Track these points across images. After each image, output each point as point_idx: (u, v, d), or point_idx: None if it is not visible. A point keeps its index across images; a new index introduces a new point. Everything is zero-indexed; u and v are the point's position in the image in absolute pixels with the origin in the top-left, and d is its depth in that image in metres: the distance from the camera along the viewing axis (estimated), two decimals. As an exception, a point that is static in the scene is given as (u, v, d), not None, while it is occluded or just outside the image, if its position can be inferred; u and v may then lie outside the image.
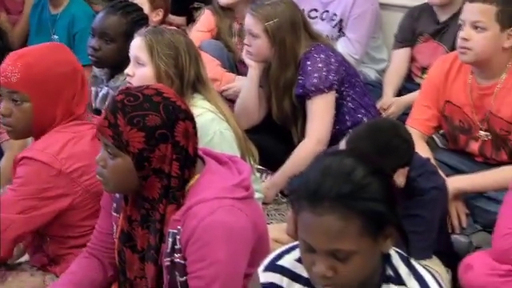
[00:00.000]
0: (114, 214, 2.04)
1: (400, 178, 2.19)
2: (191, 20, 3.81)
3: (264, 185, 2.93)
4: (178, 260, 1.88)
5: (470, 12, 2.66)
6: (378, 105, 3.27)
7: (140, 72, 2.48)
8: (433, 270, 2.16)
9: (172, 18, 3.80)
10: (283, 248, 1.75)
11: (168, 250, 1.89)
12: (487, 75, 2.71)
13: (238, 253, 1.88)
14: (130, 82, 2.47)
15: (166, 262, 1.90)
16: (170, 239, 1.88)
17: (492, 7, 2.62)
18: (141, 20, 2.90)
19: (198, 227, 1.84)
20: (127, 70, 2.53)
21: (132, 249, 1.97)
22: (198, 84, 2.50)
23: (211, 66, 3.32)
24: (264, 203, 2.88)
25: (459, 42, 2.67)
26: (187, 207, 1.87)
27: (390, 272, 1.66)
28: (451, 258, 2.42)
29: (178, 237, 1.87)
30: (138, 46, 2.49)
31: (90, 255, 2.10)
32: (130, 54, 2.54)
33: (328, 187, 1.58)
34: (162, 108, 1.87)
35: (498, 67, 2.69)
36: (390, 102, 3.31)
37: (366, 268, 1.62)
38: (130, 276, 1.99)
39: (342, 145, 2.25)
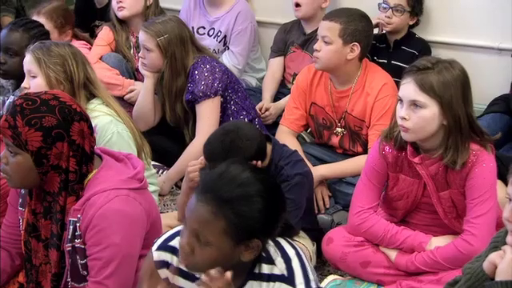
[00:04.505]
0: (20, 209, 2.02)
1: None
2: (93, 36, 3.82)
3: (160, 179, 2.94)
4: (79, 245, 1.89)
5: (321, 28, 2.79)
6: (257, 107, 3.33)
7: (33, 83, 2.46)
8: (299, 244, 2.29)
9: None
10: (174, 230, 1.77)
11: (69, 237, 1.89)
12: (341, 81, 2.83)
13: (132, 237, 1.89)
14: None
15: (68, 247, 1.90)
16: (71, 227, 1.88)
17: (336, 25, 2.74)
18: (42, 35, 2.85)
19: (95, 215, 1.85)
20: (23, 84, 2.51)
21: (37, 238, 1.96)
22: (88, 84, 2.49)
23: (111, 74, 3.36)
24: (161, 195, 2.90)
25: (313, 53, 2.81)
26: (86, 198, 1.87)
27: (262, 253, 1.67)
28: (317, 234, 2.50)
29: (78, 224, 1.87)
30: (28, 61, 2.48)
31: None
32: (24, 69, 2.50)
33: (217, 186, 1.62)
34: (58, 110, 1.87)
35: (348, 75, 2.81)
36: (268, 106, 3.36)
37: (216, 262, 1.62)
38: (35, 263, 1.98)
39: None
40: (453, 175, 2.18)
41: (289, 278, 1.67)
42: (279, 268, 1.68)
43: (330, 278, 2.36)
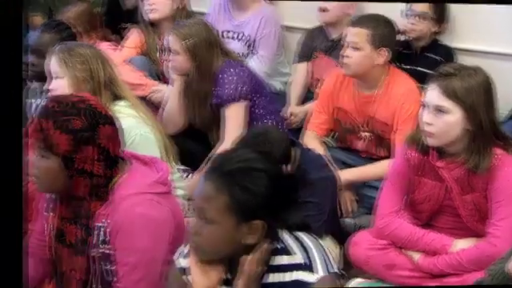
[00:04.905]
0: (45, 214, 2.01)
1: None
2: (121, 38, 3.80)
3: (187, 183, 2.91)
4: (104, 251, 1.88)
5: (349, 34, 2.86)
6: (287, 112, 3.39)
7: (58, 84, 2.48)
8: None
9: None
10: None
11: (95, 242, 1.88)
12: (367, 86, 2.89)
13: (157, 241, 1.88)
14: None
15: (94, 253, 1.89)
16: (97, 232, 1.87)
17: (364, 31, 2.81)
18: (70, 37, 2.86)
19: (120, 220, 1.84)
20: (47, 86, 2.52)
21: (63, 244, 1.95)
22: (112, 84, 2.50)
23: (136, 75, 3.40)
24: (189, 199, 2.84)
25: (342, 59, 2.87)
26: (111, 202, 1.86)
27: (279, 245, 1.69)
28: (341, 237, 2.52)
29: (104, 229, 1.86)
30: (52, 62, 2.50)
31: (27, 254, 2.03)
32: (46, 72, 2.53)
33: (221, 162, 1.68)
34: (86, 113, 1.86)
35: (374, 80, 2.86)
36: (293, 110, 3.42)
37: (220, 242, 1.66)
38: (62, 269, 1.97)
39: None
40: (475, 179, 2.21)
41: (309, 266, 1.69)
42: (298, 257, 1.70)
43: (356, 280, 2.40)
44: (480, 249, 2.20)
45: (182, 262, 1.78)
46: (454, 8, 3.29)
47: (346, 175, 2.80)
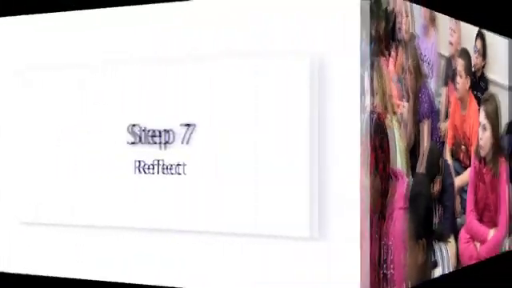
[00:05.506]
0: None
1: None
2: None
3: None
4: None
5: (458, 64, 3.56)
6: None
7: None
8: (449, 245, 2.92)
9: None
10: None
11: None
12: (463, 107, 3.32)
13: None
14: None
15: None
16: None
17: (462, 61, 3.48)
18: None
19: (393, 237, 1.80)
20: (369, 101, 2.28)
21: None
22: (389, 98, 2.41)
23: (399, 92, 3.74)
24: None
25: (455, 85, 3.58)
26: (387, 220, 1.82)
27: (434, 258, 1.89)
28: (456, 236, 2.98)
29: (384, 249, 1.77)
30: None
31: None
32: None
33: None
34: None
35: (465, 102, 3.47)
36: (441, 127, 3.95)
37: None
38: None
39: None
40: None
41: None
42: (439, 269, 1.92)
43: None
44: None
45: None
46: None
47: (456, 182, 3.44)
